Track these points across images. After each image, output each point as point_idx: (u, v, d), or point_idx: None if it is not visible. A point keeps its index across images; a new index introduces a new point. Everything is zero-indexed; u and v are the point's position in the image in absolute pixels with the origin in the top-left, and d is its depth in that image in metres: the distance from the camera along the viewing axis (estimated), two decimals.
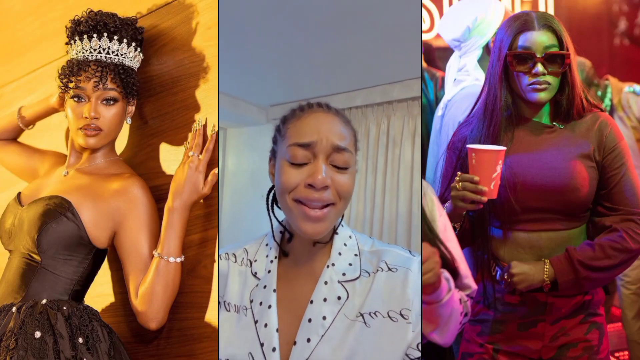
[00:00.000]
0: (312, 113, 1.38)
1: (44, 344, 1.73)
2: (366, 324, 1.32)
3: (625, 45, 4.96)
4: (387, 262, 1.37)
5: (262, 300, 1.38)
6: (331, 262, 1.38)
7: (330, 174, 1.33)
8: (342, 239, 1.42)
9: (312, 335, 1.31)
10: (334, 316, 1.33)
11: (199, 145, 1.87)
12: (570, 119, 1.90)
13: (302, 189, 1.32)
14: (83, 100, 1.90)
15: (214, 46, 1.91)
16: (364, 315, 1.32)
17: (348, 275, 1.37)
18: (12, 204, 1.98)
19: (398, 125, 3.06)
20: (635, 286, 3.42)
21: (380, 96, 2.98)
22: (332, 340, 1.31)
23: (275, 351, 1.32)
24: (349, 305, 1.34)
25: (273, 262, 1.42)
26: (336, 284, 1.36)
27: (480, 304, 1.97)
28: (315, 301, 1.35)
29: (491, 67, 1.92)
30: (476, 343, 1.99)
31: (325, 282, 1.36)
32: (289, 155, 1.34)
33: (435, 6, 3.94)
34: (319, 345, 1.31)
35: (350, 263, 1.38)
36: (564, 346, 1.93)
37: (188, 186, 1.83)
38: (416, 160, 2.97)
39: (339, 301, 1.34)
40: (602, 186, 1.89)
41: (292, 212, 1.34)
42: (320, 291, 1.35)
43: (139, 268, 1.85)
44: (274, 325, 1.34)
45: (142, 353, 2.00)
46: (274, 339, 1.33)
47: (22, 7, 2.60)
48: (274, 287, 1.39)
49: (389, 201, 3.18)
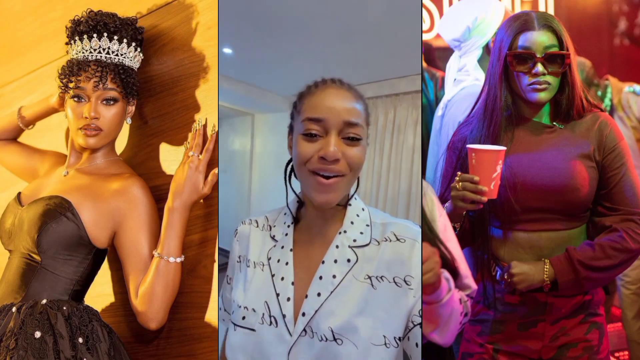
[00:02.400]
0: (326, 89, 1.45)
1: (44, 344, 1.73)
2: (373, 286, 1.41)
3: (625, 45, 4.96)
4: (396, 233, 1.45)
5: (279, 257, 1.50)
6: (343, 230, 1.48)
7: (342, 147, 1.41)
8: (355, 210, 1.51)
9: (322, 290, 1.42)
10: (343, 276, 1.43)
11: (199, 145, 1.87)
12: (570, 119, 1.90)
13: (315, 161, 1.41)
14: (83, 100, 1.90)
15: (214, 46, 1.91)
16: (371, 278, 1.42)
17: (359, 241, 1.46)
18: (12, 204, 1.98)
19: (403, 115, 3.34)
20: (635, 286, 3.42)
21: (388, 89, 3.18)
22: (340, 296, 1.41)
23: (290, 301, 1.44)
24: (358, 268, 1.43)
25: (290, 227, 1.54)
26: (347, 249, 1.45)
27: (480, 304, 1.97)
28: (327, 262, 1.45)
29: (491, 67, 1.92)
30: (476, 343, 1.99)
31: (337, 246, 1.46)
32: (304, 129, 1.43)
33: (435, 6, 3.94)
34: (328, 299, 1.41)
35: (362, 232, 1.47)
36: (564, 346, 1.93)
37: (188, 186, 1.83)
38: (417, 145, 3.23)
39: (349, 263, 1.44)
40: (602, 186, 1.90)
41: (307, 181, 1.43)
42: (332, 253, 1.46)
43: (139, 268, 1.85)
44: (289, 279, 1.46)
45: (142, 353, 2.00)
46: (288, 290, 1.45)
47: (22, 7, 2.60)
48: (290, 247, 1.51)
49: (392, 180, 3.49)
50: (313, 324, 1.40)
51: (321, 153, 1.40)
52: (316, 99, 1.45)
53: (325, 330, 1.38)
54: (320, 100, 1.44)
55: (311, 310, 1.41)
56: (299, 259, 1.49)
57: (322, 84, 1.47)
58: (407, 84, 3.10)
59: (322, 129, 1.41)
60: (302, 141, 1.43)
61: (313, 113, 1.43)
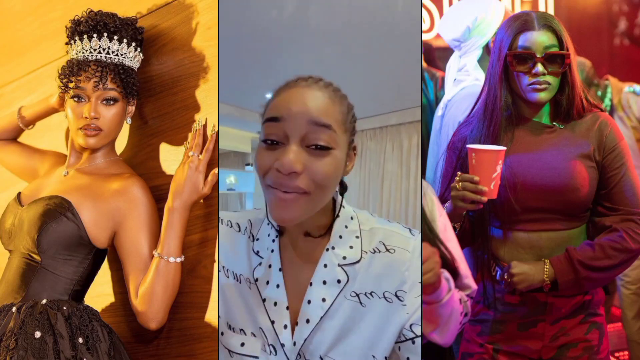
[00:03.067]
0: (293, 88, 1.23)
1: (44, 344, 1.73)
2: (362, 304, 1.29)
3: (625, 45, 4.96)
4: (385, 243, 1.32)
5: (268, 279, 1.34)
6: (331, 246, 1.32)
7: (303, 158, 1.19)
8: (343, 221, 1.34)
9: (311, 316, 1.29)
10: (333, 299, 1.30)
11: (199, 145, 1.87)
12: (570, 119, 1.90)
13: (273, 173, 1.20)
14: (83, 100, 1.90)
15: (214, 46, 1.90)
16: (359, 295, 1.29)
17: (349, 258, 1.32)
18: (12, 204, 1.98)
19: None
20: (635, 286, 3.42)
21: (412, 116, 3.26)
22: (331, 321, 1.30)
23: (287, 328, 1.30)
24: (348, 287, 1.31)
25: (275, 242, 1.36)
26: (336, 267, 1.31)
27: (480, 304, 1.97)
28: (315, 283, 1.31)
29: (491, 67, 1.92)
30: (476, 343, 1.99)
31: (325, 264, 1.32)
32: (263, 136, 1.22)
33: (435, 6, 3.94)
34: (319, 325, 1.29)
35: (351, 246, 1.32)
36: (564, 346, 1.93)
37: (188, 186, 1.83)
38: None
39: (339, 284, 1.30)
40: (602, 186, 1.89)
41: (266, 196, 1.24)
42: (320, 274, 1.31)
43: (139, 268, 1.85)
44: (283, 304, 1.32)
45: (142, 353, 2.00)
46: (284, 316, 1.31)
47: (22, 7, 2.60)
48: (279, 267, 1.34)
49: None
50: (306, 352, 1.30)
51: (276, 164, 1.19)
52: (279, 99, 1.23)
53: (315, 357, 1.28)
54: (282, 100, 1.22)
55: (300, 339, 1.30)
56: (288, 280, 1.34)
57: (292, 83, 1.24)
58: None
59: (281, 133, 1.19)
60: (260, 150, 1.22)
61: (271, 113, 1.21)
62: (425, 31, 3.85)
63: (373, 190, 4.35)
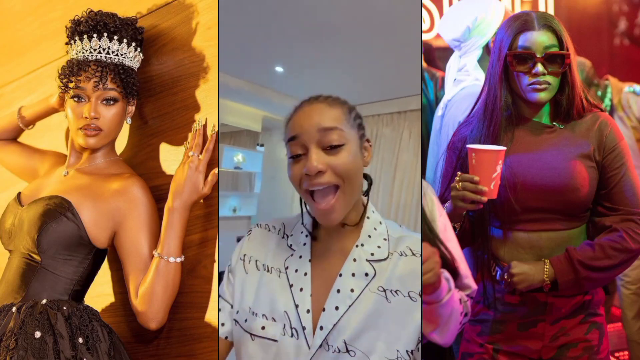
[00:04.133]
0: (301, 109, 1.47)
1: (44, 344, 1.73)
2: (387, 300, 1.40)
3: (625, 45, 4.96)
4: (411, 247, 1.45)
5: (297, 267, 1.49)
6: (360, 243, 1.47)
7: (323, 158, 1.40)
8: (373, 223, 1.50)
9: (340, 304, 1.41)
10: (361, 290, 1.42)
11: (199, 145, 1.87)
12: (570, 119, 1.90)
13: (304, 179, 1.42)
14: (83, 100, 1.90)
15: (214, 46, 1.91)
16: (386, 291, 1.41)
17: (376, 255, 1.45)
18: (12, 204, 1.98)
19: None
20: (635, 286, 3.42)
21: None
22: (357, 310, 1.41)
23: (309, 313, 1.43)
24: (375, 282, 1.43)
25: (308, 237, 1.53)
26: (364, 262, 1.44)
27: (480, 304, 1.97)
28: (344, 275, 1.44)
29: (491, 67, 1.92)
30: (476, 343, 1.99)
31: (354, 259, 1.45)
32: (288, 152, 1.45)
33: (435, 6, 3.94)
34: (346, 313, 1.40)
35: (379, 246, 1.46)
36: (564, 346, 1.93)
37: (188, 186, 1.83)
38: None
39: (367, 277, 1.43)
40: (602, 186, 1.89)
41: (309, 204, 1.45)
42: (349, 266, 1.45)
43: (139, 268, 1.85)
44: (308, 290, 1.45)
45: (142, 353, 2.00)
46: (307, 302, 1.44)
47: (22, 7, 2.61)
48: (309, 258, 1.49)
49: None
50: (330, 338, 1.40)
51: (305, 170, 1.40)
52: (292, 120, 1.47)
53: (340, 343, 1.39)
54: (294, 121, 1.46)
55: (329, 324, 1.40)
56: (316, 271, 1.48)
57: (298, 106, 1.48)
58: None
59: (301, 147, 1.42)
60: (290, 165, 1.45)
61: (290, 133, 1.45)
62: (425, 31, 3.85)
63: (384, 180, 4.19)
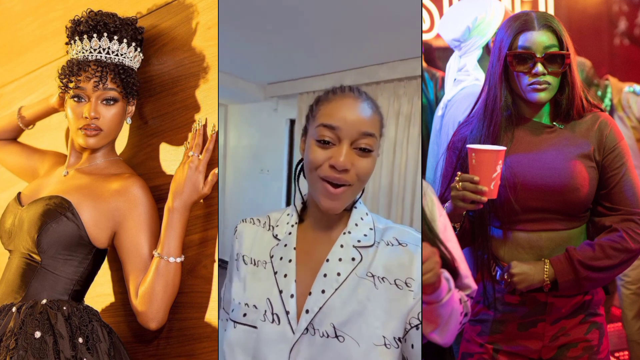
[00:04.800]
0: (343, 97, 1.46)
1: (44, 344, 1.73)
2: (375, 286, 1.43)
3: (625, 45, 4.96)
4: (398, 238, 1.48)
5: (282, 255, 1.51)
6: (348, 230, 1.50)
7: (352, 157, 1.43)
8: (359, 213, 1.53)
9: (326, 287, 1.44)
10: (347, 274, 1.44)
11: (199, 145, 1.87)
12: (570, 119, 1.90)
13: (326, 168, 1.43)
14: (83, 100, 1.90)
15: (214, 46, 1.91)
16: (374, 277, 1.44)
17: (363, 242, 1.48)
18: (12, 204, 1.98)
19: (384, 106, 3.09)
20: (635, 286, 3.42)
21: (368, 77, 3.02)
22: (343, 294, 1.43)
23: (293, 298, 1.45)
24: (361, 267, 1.46)
25: (294, 227, 1.55)
26: (351, 248, 1.48)
27: (480, 304, 1.97)
28: (331, 260, 1.47)
29: (491, 67, 1.92)
30: (476, 343, 1.99)
31: (341, 245, 1.49)
32: (317, 135, 1.44)
33: (435, 6, 3.94)
34: (332, 296, 1.43)
35: (365, 234, 1.50)
36: (564, 346, 1.93)
37: (188, 186, 1.83)
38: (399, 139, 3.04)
39: (353, 262, 1.46)
40: (602, 186, 1.90)
41: (316, 187, 1.46)
42: (336, 252, 1.48)
43: (139, 268, 1.85)
44: (292, 276, 1.47)
45: (142, 353, 2.00)
46: (291, 287, 1.46)
47: (22, 7, 2.61)
48: (294, 246, 1.52)
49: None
50: (316, 321, 1.41)
51: (332, 162, 1.42)
52: (332, 106, 1.45)
53: (327, 327, 1.40)
54: (336, 109, 1.45)
55: (315, 307, 1.42)
56: (301, 257, 1.50)
57: (340, 91, 1.47)
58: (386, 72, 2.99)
59: (335, 136, 1.43)
60: (315, 147, 1.45)
61: (328, 120, 1.44)
62: (425, 31, 3.85)
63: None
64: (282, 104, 2.91)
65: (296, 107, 2.86)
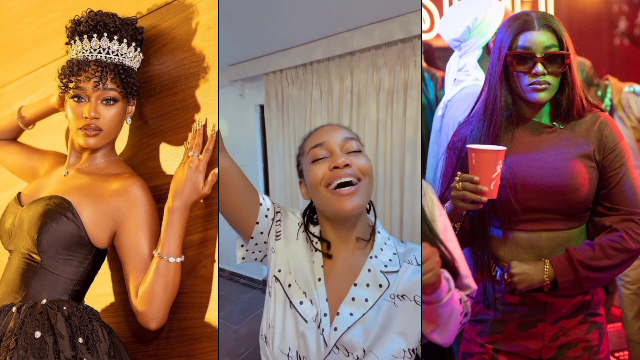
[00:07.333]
0: (323, 126, 1.66)
1: (44, 344, 1.73)
2: (395, 305, 1.53)
3: (625, 45, 4.95)
4: (417, 257, 1.58)
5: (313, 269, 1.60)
6: (374, 254, 1.58)
7: (348, 157, 1.56)
8: (383, 239, 1.62)
9: (354, 310, 1.52)
10: (375, 301, 1.53)
11: (199, 145, 1.87)
12: (570, 119, 1.90)
13: (329, 175, 1.54)
14: (83, 100, 1.90)
15: (214, 46, 1.91)
16: (396, 297, 1.54)
17: (389, 267, 1.56)
18: (12, 204, 1.98)
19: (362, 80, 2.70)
20: (635, 286, 3.42)
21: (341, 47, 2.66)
22: (370, 319, 1.52)
23: (327, 316, 1.54)
24: (388, 292, 1.54)
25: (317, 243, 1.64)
26: (379, 273, 1.55)
27: (480, 304, 1.97)
28: (359, 284, 1.55)
29: (491, 67, 1.92)
30: (476, 343, 1.99)
31: (369, 269, 1.56)
32: (311, 158, 1.59)
33: (435, 6, 3.94)
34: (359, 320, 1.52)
35: (391, 259, 1.58)
36: (564, 346, 1.93)
37: (188, 186, 1.83)
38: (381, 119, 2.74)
39: (381, 288, 1.54)
40: (602, 186, 1.90)
41: (330, 200, 1.56)
42: (364, 277, 1.55)
43: (139, 268, 1.85)
44: (323, 296, 1.57)
45: (142, 353, 2.00)
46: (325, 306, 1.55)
47: (22, 7, 2.61)
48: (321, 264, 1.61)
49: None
50: (346, 344, 1.50)
51: (332, 164, 1.55)
52: (315, 134, 1.64)
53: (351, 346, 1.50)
54: (319, 133, 1.64)
55: (344, 326, 1.51)
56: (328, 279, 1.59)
57: (317, 128, 1.66)
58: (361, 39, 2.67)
59: (326, 151, 1.58)
60: (312, 167, 1.59)
61: (314, 142, 1.61)
62: (425, 31, 3.85)
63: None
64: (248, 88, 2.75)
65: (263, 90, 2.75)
